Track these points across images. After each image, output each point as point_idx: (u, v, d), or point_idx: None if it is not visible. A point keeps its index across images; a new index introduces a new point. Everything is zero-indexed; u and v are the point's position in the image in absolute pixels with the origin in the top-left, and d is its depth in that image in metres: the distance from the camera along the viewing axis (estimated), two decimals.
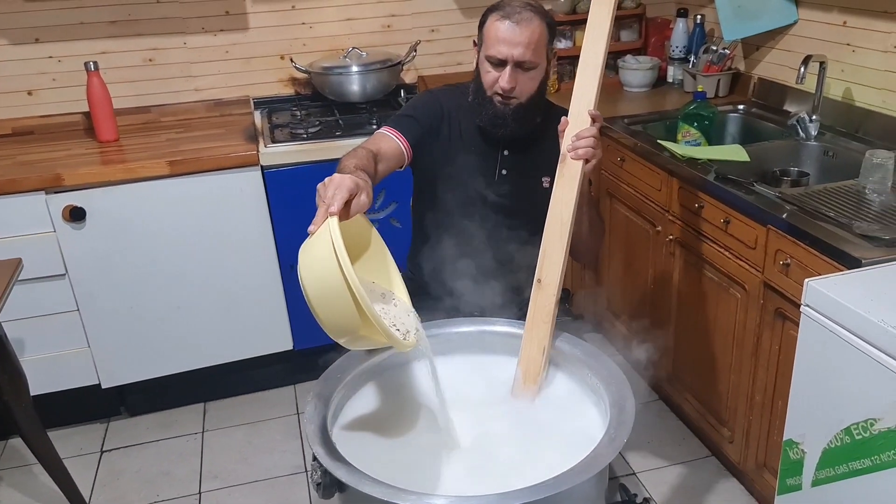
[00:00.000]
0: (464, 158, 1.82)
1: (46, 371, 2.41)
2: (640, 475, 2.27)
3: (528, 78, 1.69)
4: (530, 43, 1.64)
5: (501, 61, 1.66)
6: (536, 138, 1.81)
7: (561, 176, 1.58)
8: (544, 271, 1.57)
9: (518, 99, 1.71)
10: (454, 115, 1.83)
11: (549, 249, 1.57)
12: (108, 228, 2.34)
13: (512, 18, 1.64)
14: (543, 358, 1.55)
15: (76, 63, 2.62)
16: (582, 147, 1.54)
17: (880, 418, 1.30)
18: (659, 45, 3.07)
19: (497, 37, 1.65)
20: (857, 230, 1.62)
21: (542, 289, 1.57)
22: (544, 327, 1.56)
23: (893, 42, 2.10)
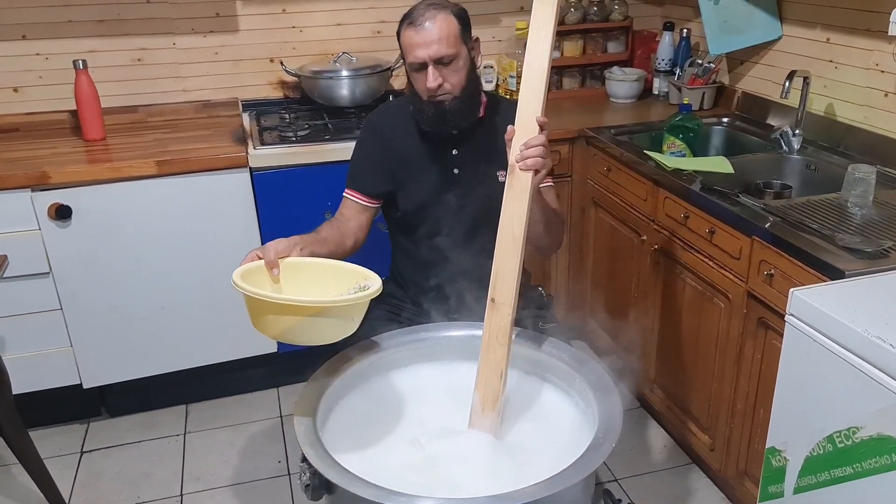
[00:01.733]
0: (416, 167, 1.88)
1: (27, 370, 2.38)
2: (621, 482, 2.29)
3: (452, 71, 1.73)
4: (441, 38, 1.69)
5: (422, 64, 1.72)
6: (483, 133, 1.85)
7: (510, 188, 1.52)
8: (497, 290, 1.49)
9: (451, 93, 1.75)
10: (396, 130, 1.90)
11: (501, 267, 1.50)
12: (94, 227, 2.32)
13: (417, 22, 1.71)
14: (501, 383, 1.48)
15: (63, 61, 2.60)
16: (531, 157, 1.50)
17: (863, 426, 1.33)
18: (645, 58, 3.11)
19: (410, 43, 1.72)
20: (840, 242, 1.66)
21: (497, 308, 1.49)
22: (501, 350, 1.49)
23: (875, 59, 2.16)
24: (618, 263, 2.56)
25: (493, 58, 3.01)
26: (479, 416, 1.51)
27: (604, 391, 1.46)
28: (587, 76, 3.15)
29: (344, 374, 1.58)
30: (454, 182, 1.88)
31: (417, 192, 1.89)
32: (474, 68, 1.80)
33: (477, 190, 1.86)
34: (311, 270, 1.58)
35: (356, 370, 1.61)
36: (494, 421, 1.50)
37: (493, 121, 1.86)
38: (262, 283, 1.53)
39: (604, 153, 2.54)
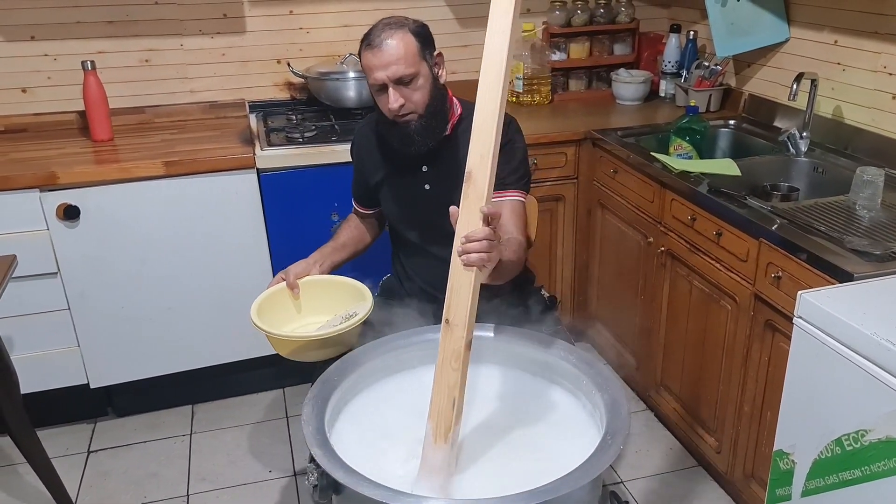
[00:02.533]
0: (389, 183, 1.92)
1: (34, 370, 2.39)
2: (627, 484, 2.29)
3: (414, 90, 1.71)
4: (399, 59, 1.67)
5: (382, 86, 1.70)
6: (453, 148, 1.82)
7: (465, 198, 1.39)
8: (452, 310, 1.36)
9: (415, 112, 1.73)
10: (370, 147, 1.93)
11: (455, 284, 1.37)
12: (102, 228, 2.33)
13: (374, 43, 1.68)
14: (454, 411, 1.36)
15: (72, 62, 2.62)
16: (473, 253, 1.34)
17: (871, 429, 1.33)
18: (651, 60, 3.11)
19: (369, 65, 1.70)
20: (849, 245, 1.65)
21: (451, 330, 1.36)
22: (454, 374, 1.36)
23: (883, 62, 2.15)
24: (624, 265, 2.56)
25: None
26: (430, 449, 1.37)
27: (611, 393, 1.46)
28: (594, 78, 3.15)
29: (351, 376, 1.57)
30: (425, 197, 1.87)
31: (393, 208, 1.94)
32: (438, 84, 1.76)
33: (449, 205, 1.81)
34: (324, 286, 1.87)
35: (363, 371, 1.60)
36: (448, 454, 1.36)
37: (465, 135, 1.76)
38: (284, 303, 1.85)
39: (610, 155, 2.54)
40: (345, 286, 1.85)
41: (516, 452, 1.48)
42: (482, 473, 1.43)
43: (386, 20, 1.73)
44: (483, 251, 1.34)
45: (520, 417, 1.57)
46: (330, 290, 1.86)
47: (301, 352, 1.74)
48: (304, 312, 1.88)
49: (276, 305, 1.82)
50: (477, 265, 1.35)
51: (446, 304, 1.38)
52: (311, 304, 1.86)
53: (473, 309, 1.36)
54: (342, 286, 1.86)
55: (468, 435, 1.51)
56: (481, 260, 1.34)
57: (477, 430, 1.54)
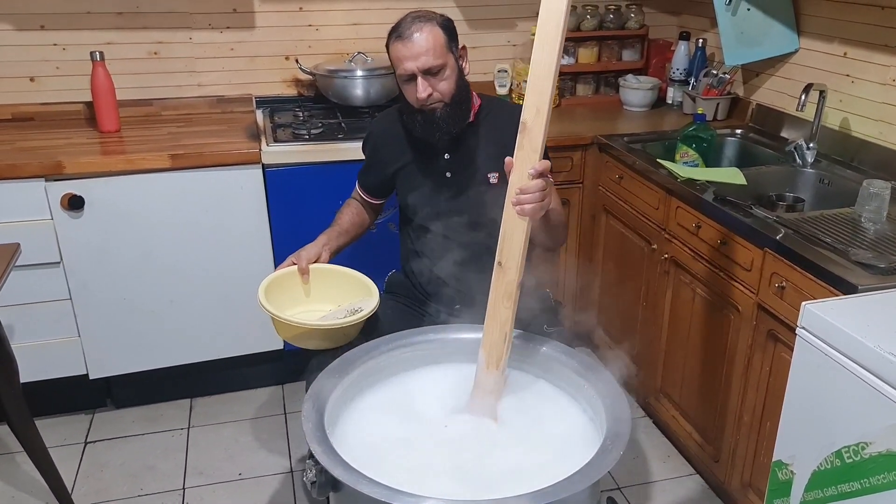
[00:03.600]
0: (410, 172, 1.96)
1: (35, 359, 2.39)
2: (624, 490, 2.28)
3: (442, 79, 1.78)
4: (428, 49, 1.74)
5: (411, 76, 1.77)
6: (474, 137, 1.90)
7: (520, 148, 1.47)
8: (504, 253, 1.51)
9: (442, 101, 1.80)
10: (389, 138, 1.97)
11: (508, 231, 1.50)
12: (106, 218, 2.33)
13: (405, 35, 1.75)
14: (506, 343, 1.53)
15: (80, 52, 2.62)
16: (527, 204, 1.46)
17: (872, 442, 1.32)
18: (660, 67, 3.11)
19: (399, 56, 1.77)
20: (854, 257, 1.65)
21: (503, 271, 1.51)
22: (506, 311, 1.52)
23: (892, 75, 2.15)
24: (627, 271, 2.56)
25: (508, 62, 3.01)
26: (483, 374, 1.55)
27: (612, 398, 1.46)
28: (601, 83, 3.15)
29: (351, 374, 1.57)
30: (447, 185, 1.93)
31: (413, 196, 1.96)
32: (462, 76, 1.84)
33: (469, 193, 1.91)
34: (333, 276, 1.89)
35: (364, 370, 1.60)
36: (498, 380, 1.54)
37: (484, 125, 1.91)
38: (292, 286, 1.87)
39: (616, 161, 2.54)
40: (353, 279, 1.87)
41: (515, 455, 1.47)
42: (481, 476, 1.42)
43: (414, 13, 1.79)
44: (536, 201, 1.46)
45: (520, 420, 1.57)
46: (339, 281, 1.88)
47: (302, 339, 1.75)
48: (311, 299, 1.89)
49: (284, 288, 1.84)
50: (530, 214, 1.47)
51: (499, 249, 1.51)
52: (318, 291, 1.89)
53: (524, 253, 1.49)
54: (351, 279, 1.88)
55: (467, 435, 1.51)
56: (534, 210, 1.47)
57: (476, 431, 1.54)
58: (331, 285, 1.88)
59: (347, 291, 1.86)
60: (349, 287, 1.87)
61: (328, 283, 1.89)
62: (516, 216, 1.49)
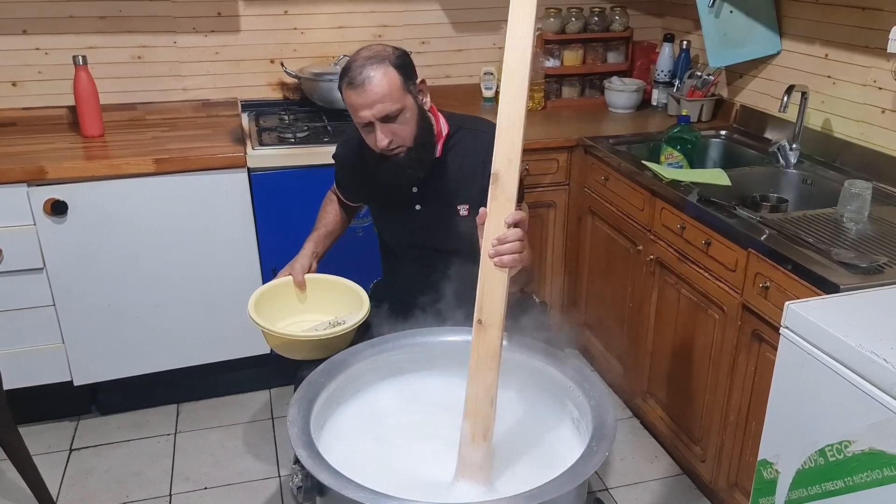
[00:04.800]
0: (380, 202, 1.93)
1: (18, 366, 2.37)
2: (612, 491, 2.29)
3: (401, 124, 1.68)
4: (383, 97, 1.63)
5: (368, 123, 1.67)
6: (442, 170, 1.82)
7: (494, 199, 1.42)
8: (484, 310, 1.39)
9: (404, 145, 1.71)
10: (355, 168, 1.93)
11: (487, 286, 1.40)
12: (90, 224, 2.32)
13: (356, 82, 1.63)
14: (493, 409, 1.40)
15: (63, 56, 2.60)
16: (506, 255, 1.40)
17: (855, 440, 1.33)
18: (645, 69, 3.12)
19: (353, 105, 1.66)
20: (836, 257, 1.66)
21: (485, 330, 1.39)
22: (490, 374, 1.39)
23: (873, 76, 2.17)
24: (613, 273, 2.57)
25: (494, 65, 3.02)
26: (469, 448, 1.42)
27: (598, 399, 1.46)
28: (587, 85, 3.16)
29: (338, 378, 1.57)
30: (417, 217, 1.88)
31: (384, 224, 1.97)
32: (423, 114, 1.74)
33: (439, 224, 1.85)
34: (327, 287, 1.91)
35: (350, 374, 1.60)
36: (486, 452, 1.41)
37: (452, 156, 1.83)
38: (287, 296, 1.89)
39: (602, 162, 2.55)
40: (346, 289, 1.88)
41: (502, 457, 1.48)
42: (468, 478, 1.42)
43: (365, 54, 1.67)
44: (515, 252, 1.40)
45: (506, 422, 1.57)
46: (332, 291, 1.89)
47: (287, 349, 1.77)
48: (304, 308, 1.91)
49: (278, 297, 1.86)
50: (510, 266, 1.40)
51: (478, 306, 1.41)
52: (312, 301, 1.90)
53: (505, 309, 1.40)
54: (344, 288, 1.88)
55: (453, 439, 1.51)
56: (514, 261, 1.40)
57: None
58: (324, 295, 1.89)
59: (340, 301, 1.87)
60: (342, 297, 1.87)
61: (322, 293, 1.90)
62: (495, 269, 1.40)
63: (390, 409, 1.61)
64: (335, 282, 1.91)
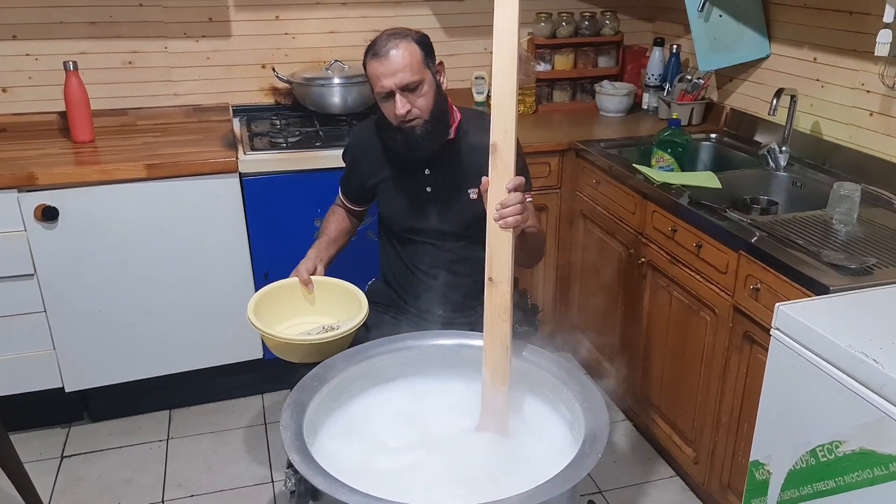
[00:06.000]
0: (391, 185, 1.96)
1: (8, 373, 2.36)
2: (605, 494, 2.29)
3: (419, 96, 1.77)
4: (405, 66, 1.73)
5: (389, 93, 1.76)
6: (454, 153, 1.90)
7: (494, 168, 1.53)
8: (494, 269, 1.53)
9: (421, 117, 1.79)
10: (368, 151, 1.97)
11: (494, 246, 1.53)
12: (81, 229, 2.31)
13: (381, 53, 1.74)
14: (508, 357, 1.54)
15: (54, 62, 2.60)
16: (510, 216, 1.50)
17: (845, 441, 1.34)
18: (635, 73, 3.14)
19: (376, 74, 1.76)
20: (826, 258, 1.68)
21: (495, 286, 1.53)
22: (503, 325, 1.54)
23: (861, 79, 2.19)
24: (605, 276, 2.57)
25: (485, 69, 3.03)
26: (490, 392, 1.56)
27: (590, 403, 1.46)
28: (578, 90, 3.17)
29: (331, 382, 1.57)
30: (427, 200, 1.93)
31: (393, 209, 1.98)
32: (441, 91, 1.83)
33: (449, 207, 1.92)
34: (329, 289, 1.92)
35: (344, 378, 1.60)
36: (506, 395, 1.54)
37: (464, 141, 1.90)
38: (290, 298, 1.90)
39: (593, 166, 2.56)
40: (347, 292, 1.89)
41: (495, 460, 1.48)
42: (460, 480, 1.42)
43: (389, 31, 1.79)
44: (517, 213, 1.50)
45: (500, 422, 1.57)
46: (333, 293, 1.91)
47: (282, 351, 1.78)
48: (306, 311, 1.92)
49: (281, 299, 1.88)
50: (513, 226, 1.50)
51: (487, 265, 1.53)
52: (316, 303, 1.92)
53: (513, 265, 1.53)
54: (345, 291, 1.89)
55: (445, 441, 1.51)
56: (517, 221, 1.50)
57: (455, 437, 1.54)
58: (325, 298, 1.91)
59: (341, 304, 1.87)
60: (343, 300, 1.88)
61: (323, 295, 1.91)
62: (500, 231, 1.52)
63: (384, 412, 1.61)
64: (336, 284, 1.91)
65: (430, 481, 1.43)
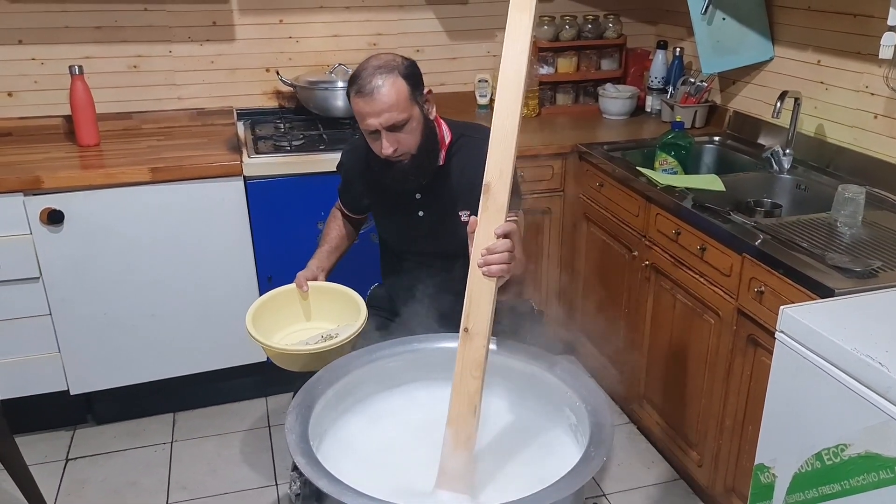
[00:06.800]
0: (384, 207, 1.96)
1: (13, 375, 2.37)
2: (609, 496, 2.29)
3: (406, 133, 1.72)
4: (391, 106, 1.67)
5: (374, 131, 1.71)
6: (445, 177, 1.86)
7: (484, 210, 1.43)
8: (471, 319, 1.41)
9: (409, 152, 1.75)
10: (360, 175, 1.95)
11: (475, 294, 1.42)
12: (86, 233, 2.32)
13: (365, 91, 1.67)
14: (475, 418, 1.40)
15: (59, 66, 2.61)
16: (494, 265, 1.41)
17: (851, 444, 1.34)
18: (638, 75, 3.14)
19: (361, 113, 1.70)
20: (830, 261, 1.67)
21: (470, 338, 1.41)
22: (474, 383, 1.40)
23: (865, 82, 2.19)
24: (609, 279, 2.58)
25: (488, 72, 3.03)
26: (451, 456, 1.42)
27: (594, 405, 1.46)
28: (581, 92, 3.17)
29: (336, 385, 1.57)
30: (419, 223, 1.91)
31: (387, 228, 1.99)
32: (429, 123, 1.78)
33: (441, 230, 1.90)
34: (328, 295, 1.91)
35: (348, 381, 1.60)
36: (468, 462, 1.41)
37: (455, 164, 1.86)
38: (289, 305, 1.89)
39: (596, 169, 2.56)
40: (347, 299, 1.87)
41: (499, 464, 1.48)
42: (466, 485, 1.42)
43: (375, 63, 1.70)
44: (504, 262, 1.41)
45: (503, 429, 1.57)
46: (333, 299, 1.89)
47: (282, 361, 1.78)
48: (305, 318, 1.91)
49: (279, 307, 1.87)
50: (497, 275, 1.41)
51: (464, 314, 1.42)
52: (314, 309, 1.91)
53: (492, 318, 1.41)
54: (345, 298, 1.87)
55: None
56: (501, 271, 1.41)
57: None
58: (324, 304, 1.89)
59: (339, 311, 1.86)
60: (342, 306, 1.86)
61: (322, 301, 1.90)
62: (483, 278, 1.42)
63: (388, 416, 1.61)
64: (334, 289, 1.90)
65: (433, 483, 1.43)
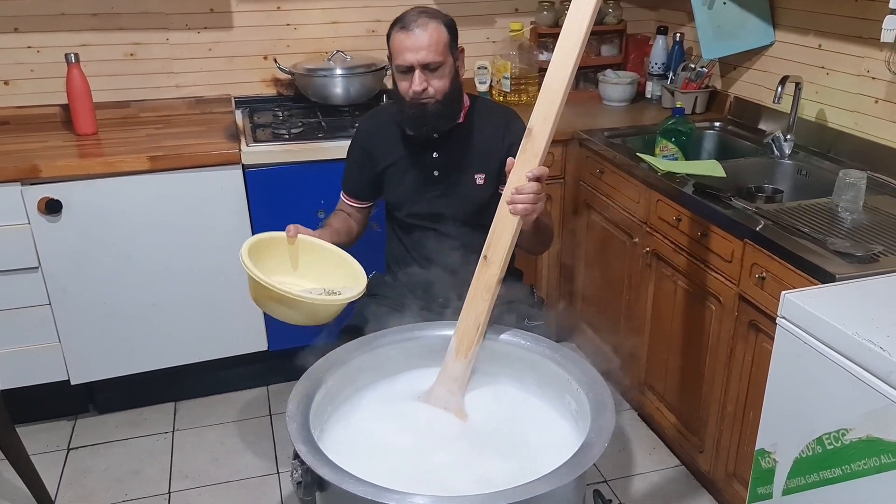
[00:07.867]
0: (399, 169, 1.97)
1: (14, 366, 2.37)
2: (610, 483, 2.29)
3: (437, 77, 1.80)
4: (431, 45, 1.76)
5: (409, 67, 1.79)
6: (463, 137, 1.92)
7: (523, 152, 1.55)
8: (491, 248, 1.58)
9: (434, 97, 1.82)
10: (381, 134, 1.98)
11: (498, 228, 1.57)
12: (85, 222, 2.31)
13: (409, 27, 1.77)
14: (477, 333, 1.58)
15: (55, 54, 2.59)
16: (520, 203, 1.54)
17: (852, 428, 1.34)
18: (638, 61, 3.12)
19: (400, 47, 1.79)
20: (831, 246, 1.67)
21: (487, 265, 1.58)
22: (483, 304, 1.57)
23: (866, 66, 2.17)
24: (610, 265, 2.57)
25: (488, 59, 3.02)
26: (451, 361, 1.59)
27: (595, 392, 1.46)
28: (581, 79, 3.16)
29: (337, 373, 1.57)
30: (434, 183, 1.95)
31: (400, 192, 1.98)
32: (458, 76, 1.86)
33: (456, 191, 1.93)
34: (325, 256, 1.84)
35: (348, 369, 1.60)
36: (465, 368, 1.58)
37: (473, 126, 1.93)
38: (281, 253, 1.82)
39: (597, 155, 2.55)
40: (345, 263, 1.82)
41: (501, 450, 1.48)
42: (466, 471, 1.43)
43: (421, 8, 1.83)
44: (529, 202, 1.53)
45: (505, 416, 1.58)
46: (328, 261, 1.83)
47: (270, 304, 1.68)
48: (296, 271, 1.85)
49: (270, 253, 1.79)
50: (522, 214, 1.54)
51: (487, 243, 1.58)
52: (306, 266, 1.84)
53: (510, 251, 1.57)
54: (342, 262, 1.83)
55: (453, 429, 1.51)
56: (526, 210, 1.54)
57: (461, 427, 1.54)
58: (319, 263, 1.83)
59: (335, 274, 1.81)
60: (338, 270, 1.82)
61: (317, 260, 1.83)
62: (508, 214, 1.55)
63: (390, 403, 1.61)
64: (333, 252, 1.84)
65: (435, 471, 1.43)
